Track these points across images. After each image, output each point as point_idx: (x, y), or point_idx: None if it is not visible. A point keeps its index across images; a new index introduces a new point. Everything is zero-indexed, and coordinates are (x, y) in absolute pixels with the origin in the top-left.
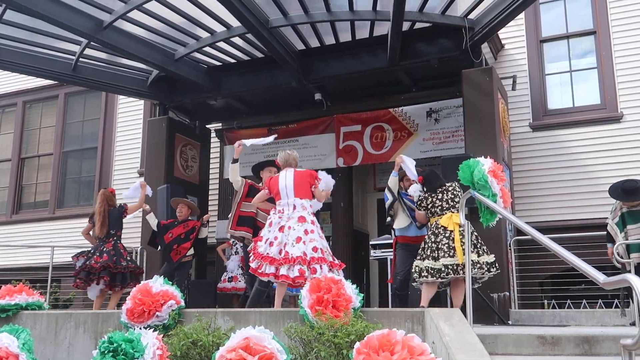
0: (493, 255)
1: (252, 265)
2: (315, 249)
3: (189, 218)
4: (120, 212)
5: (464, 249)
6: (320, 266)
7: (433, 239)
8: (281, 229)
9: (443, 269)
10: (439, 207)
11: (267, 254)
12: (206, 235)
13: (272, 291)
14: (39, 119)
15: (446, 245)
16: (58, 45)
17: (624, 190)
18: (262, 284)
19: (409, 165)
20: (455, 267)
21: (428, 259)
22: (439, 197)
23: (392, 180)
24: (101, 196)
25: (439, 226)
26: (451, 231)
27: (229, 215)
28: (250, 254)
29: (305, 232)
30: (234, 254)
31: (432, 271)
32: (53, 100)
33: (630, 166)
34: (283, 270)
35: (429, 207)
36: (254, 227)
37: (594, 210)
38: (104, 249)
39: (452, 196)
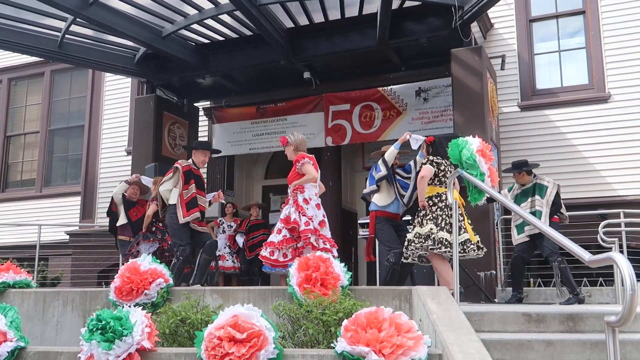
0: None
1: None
2: None
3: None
4: None
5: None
6: None
7: (447, 212)
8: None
9: (464, 246)
10: (445, 179)
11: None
12: None
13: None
14: (24, 97)
15: (462, 222)
16: (43, 21)
17: (514, 165)
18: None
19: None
20: (476, 245)
21: (443, 231)
22: (449, 169)
23: (392, 153)
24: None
25: (444, 199)
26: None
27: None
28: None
29: None
30: (222, 232)
31: (446, 243)
32: (39, 77)
33: (617, 146)
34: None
35: (440, 174)
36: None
37: (580, 190)
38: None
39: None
